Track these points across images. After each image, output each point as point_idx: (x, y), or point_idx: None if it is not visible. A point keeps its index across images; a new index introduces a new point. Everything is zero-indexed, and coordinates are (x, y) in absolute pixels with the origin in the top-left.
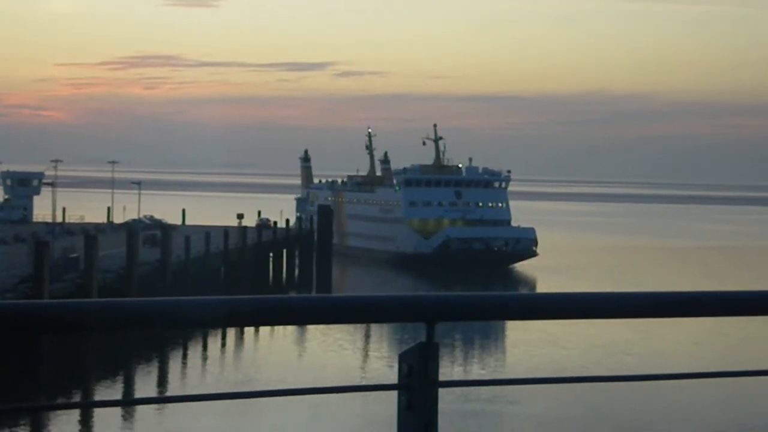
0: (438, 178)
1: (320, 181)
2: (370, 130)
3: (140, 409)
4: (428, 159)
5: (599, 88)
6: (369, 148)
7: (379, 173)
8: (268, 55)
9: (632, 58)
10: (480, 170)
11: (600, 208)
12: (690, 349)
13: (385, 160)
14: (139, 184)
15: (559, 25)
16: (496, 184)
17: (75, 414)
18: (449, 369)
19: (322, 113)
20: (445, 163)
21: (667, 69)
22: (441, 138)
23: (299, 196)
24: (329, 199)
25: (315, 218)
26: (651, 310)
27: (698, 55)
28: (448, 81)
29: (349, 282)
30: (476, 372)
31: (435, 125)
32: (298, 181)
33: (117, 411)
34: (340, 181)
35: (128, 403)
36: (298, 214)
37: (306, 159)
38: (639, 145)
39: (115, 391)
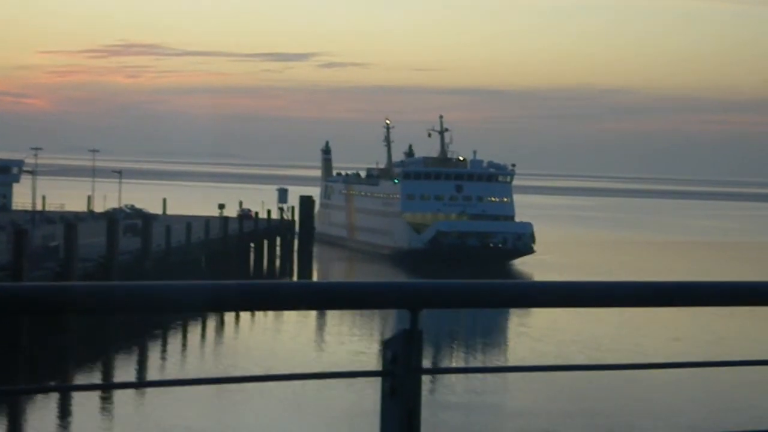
0: (438, 171)
1: (338, 174)
2: (388, 122)
3: (120, 394)
4: (433, 151)
5: (582, 83)
6: (387, 140)
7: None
8: (251, 45)
9: (615, 52)
10: (485, 164)
11: (583, 202)
12: (671, 342)
13: (410, 153)
14: (120, 173)
15: (541, 19)
16: (500, 178)
17: (54, 398)
18: (433, 356)
19: (306, 104)
20: (450, 155)
21: (651, 64)
22: (447, 130)
23: (323, 186)
24: (342, 192)
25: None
26: (636, 299)
27: (682, 51)
28: (431, 74)
29: (330, 277)
30: (459, 360)
31: (441, 116)
32: (278, 171)
33: (96, 395)
34: (358, 173)
35: (108, 386)
36: (280, 205)
37: (327, 151)
38: (622, 139)
39: (95, 376)
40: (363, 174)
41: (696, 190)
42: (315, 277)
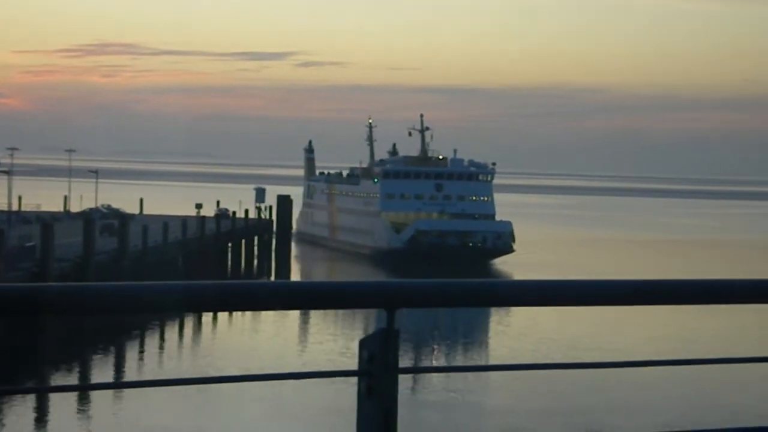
0: (418, 170)
1: (321, 173)
2: (370, 121)
3: (97, 395)
4: (415, 150)
5: (559, 82)
6: (369, 139)
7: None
8: (228, 45)
9: (592, 51)
10: (465, 162)
11: (562, 200)
12: (649, 340)
13: (394, 152)
14: (96, 173)
15: (518, 18)
16: (481, 177)
17: (30, 399)
18: (410, 355)
19: (283, 103)
20: (431, 154)
21: (627, 63)
22: (427, 129)
23: (306, 186)
24: (324, 192)
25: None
26: (614, 297)
27: (658, 50)
28: (409, 72)
29: (307, 277)
30: (437, 359)
31: (422, 115)
32: (256, 171)
33: (73, 396)
34: (341, 173)
35: (85, 388)
36: (257, 205)
37: (310, 150)
38: (600, 138)
39: (72, 377)
40: (347, 173)
41: (676, 189)
42: (292, 277)
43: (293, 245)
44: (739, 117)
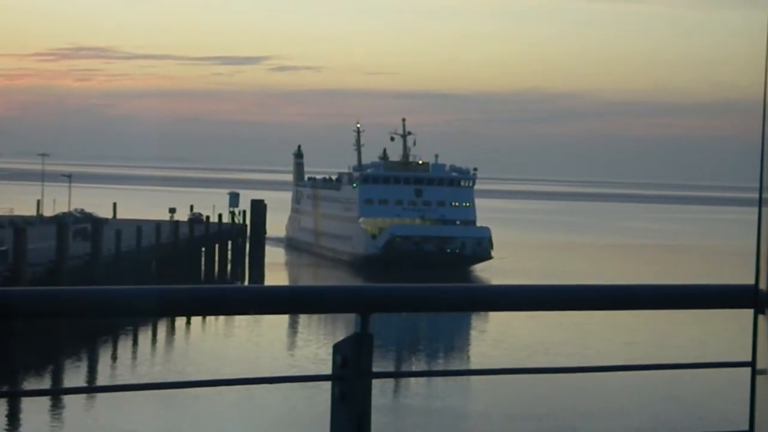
0: (397, 176)
1: (310, 179)
2: (358, 126)
3: (70, 399)
4: (397, 155)
5: (534, 87)
6: (357, 144)
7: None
8: (202, 49)
9: (567, 56)
10: (447, 167)
11: (538, 205)
12: (623, 346)
13: (384, 157)
14: (69, 177)
15: (493, 23)
16: (462, 183)
17: (1, 404)
18: (384, 361)
19: (258, 108)
20: (412, 159)
21: (602, 68)
22: (410, 133)
23: (294, 191)
24: (310, 197)
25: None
26: (583, 302)
27: (632, 55)
28: (384, 77)
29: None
30: (412, 364)
31: (404, 119)
32: (229, 176)
33: (46, 400)
34: (330, 178)
35: (57, 392)
36: (231, 209)
37: (299, 155)
38: (575, 143)
39: (44, 381)
40: (335, 179)
41: (652, 194)
42: (266, 282)
43: (283, 252)
44: (708, 123)
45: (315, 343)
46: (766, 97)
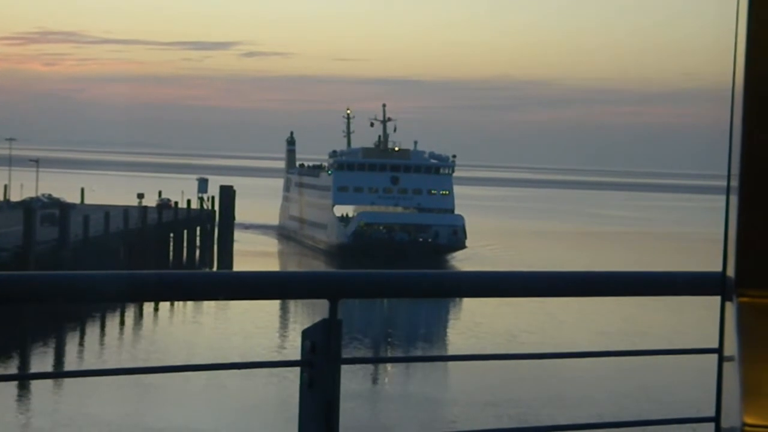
0: (373, 162)
1: (300, 166)
2: (348, 112)
3: (37, 384)
4: (371, 142)
5: (501, 74)
6: (347, 130)
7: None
8: (171, 34)
9: (534, 43)
10: (426, 154)
11: (512, 192)
12: (594, 335)
13: (378, 144)
14: (37, 162)
15: (461, 10)
16: (441, 170)
17: None
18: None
19: (227, 93)
20: (391, 146)
21: (569, 55)
22: (390, 119)
23: (285, 179)
24: (296, 185)
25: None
26: (551, 289)
27: (599, 42)
28: (352, 63)
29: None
30: (380, 350)
31: (384, 105)
32: (198, 161)
33: (12, 386)
34: (322, 165)
35: (24, 377)
36: (200, 195)
37: (291, 142)
38: (542, 130)
39: (10, 366)
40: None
41: (625, 182)
42: (235, 268)
43: (275, 240)
44: (681, 110)
45: (284, 329)
46: (735, 86)
